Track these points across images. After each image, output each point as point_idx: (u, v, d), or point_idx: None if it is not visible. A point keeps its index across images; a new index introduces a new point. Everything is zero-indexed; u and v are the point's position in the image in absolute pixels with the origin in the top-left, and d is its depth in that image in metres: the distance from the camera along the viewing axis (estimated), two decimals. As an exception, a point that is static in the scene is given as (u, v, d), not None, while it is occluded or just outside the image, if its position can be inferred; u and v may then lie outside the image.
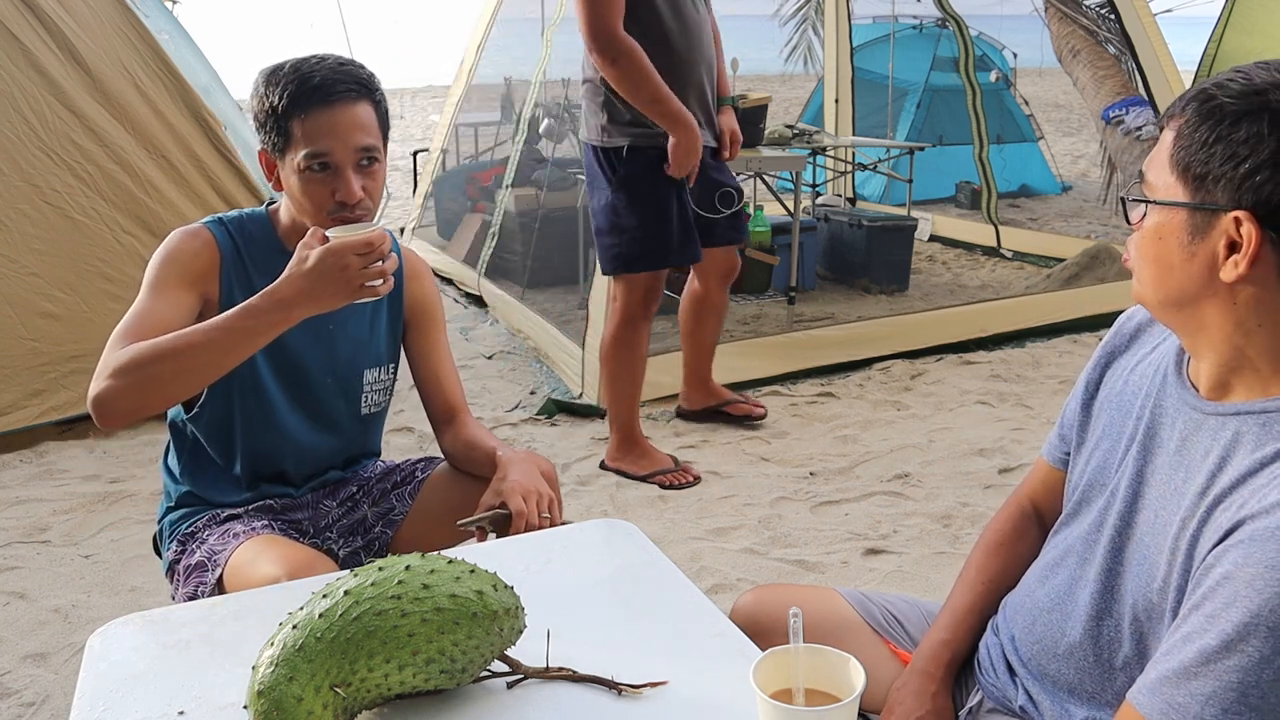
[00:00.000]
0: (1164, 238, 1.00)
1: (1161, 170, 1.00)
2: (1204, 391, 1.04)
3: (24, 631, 2.42)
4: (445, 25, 51.29)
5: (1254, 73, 0.95)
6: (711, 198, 3.14)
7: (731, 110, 3.20)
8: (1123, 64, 5.87)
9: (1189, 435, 1.04)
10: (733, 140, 3.18)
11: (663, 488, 3.16)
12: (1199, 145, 0.96)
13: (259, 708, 0.93)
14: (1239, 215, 0.94)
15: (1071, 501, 1.22)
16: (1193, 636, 0.90)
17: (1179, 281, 1.00)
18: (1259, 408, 0.98)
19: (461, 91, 6.22)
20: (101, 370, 1.42)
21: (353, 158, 1.52)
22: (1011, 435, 3.56)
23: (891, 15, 7.82)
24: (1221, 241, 0.95)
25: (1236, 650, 0.86)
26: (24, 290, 3.42)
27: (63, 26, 3.50)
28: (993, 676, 1.25)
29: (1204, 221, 0.97)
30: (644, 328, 3.16)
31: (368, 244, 1.40)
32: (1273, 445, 0.95)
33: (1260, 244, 0.93)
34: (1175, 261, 0.99)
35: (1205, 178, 0.96)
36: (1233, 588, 0.87)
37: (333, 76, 1.51)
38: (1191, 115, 0.97)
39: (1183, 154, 0.97)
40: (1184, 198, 0.98)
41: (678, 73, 2.92)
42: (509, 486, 1.53)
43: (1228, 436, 0.99)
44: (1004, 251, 6.33)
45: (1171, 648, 0.93)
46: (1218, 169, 0.94)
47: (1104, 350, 1.25)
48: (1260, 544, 0.87)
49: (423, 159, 6.69)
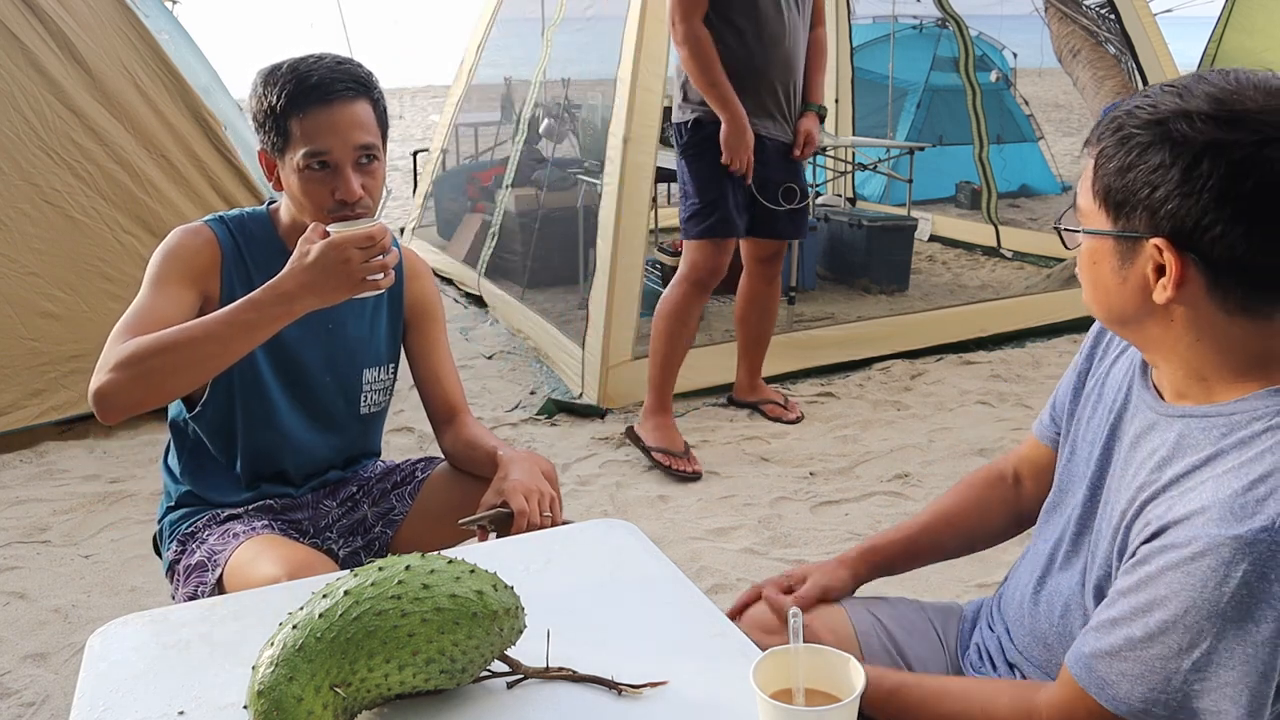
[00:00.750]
0: (1097, 262, 1.03)
1: (1087, 198, 1.02)
2: (1166, 396, 1.07)
3: (24, 631, 2.43)
4: (445, 25, 51.26)
5: (1159, 99, 0.96)
6: (776, 190, 3.34)
7: (814, 115, 3.39)
8: (1123, 64, 5.86)
9: (1143, 433, 1.07)
10: (806, 141, 3.36)
11: (661, 468, 3.26)
12: (1114, 173, 0.98)
13: (259, 708, 0.93)
14: (1158, 243, 0.95)
15: (1054, 491, 1.25)
16: (1120, 623, 0.98)
17: (1118, 303, 1.02)
18: (1201, 412, 1.01)
19: (461, 91, 6.22)
20: (102, 364, 1.42)
21: (352, 156, 1.52)
22: (1011, 435, 3.56)
23: (891, 15, 7.82)
24: (1149, 266, 0.98)
25: (1158, 641, 0.94)
26: (24, 290, 3.42)
27: (63, 26, 3.50)
28: (991, 674, 1.26)
29: (1129, 248, 0.99)
30: (697, 298, 3.36)
31: (369, 238, 1.40)
32: (1208, 449, 0.98)
33: (1183, 267, 0.95)
34: (1110, 285, 1.02)
35: (1124, 205, 0.98)
36: (1155, 590, 0.94)
37: (330, 75, 1.51)
38: (1107, 145, 0.99)
39: (1101, 182, 0.99)
40: (1107, 225, 1.00)
41: (751, 71, 3.20)
42: (510, 485, 1.53)
43: (1172, 437, 1.02)
44: (1004, 251, 6.33)
45: (1101, 627, 1.00)
46: (1134, 198, 0.96)
47: (1091, 339, 1.27)
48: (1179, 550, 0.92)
49: (423, 159, 6.69)
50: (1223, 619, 0.90)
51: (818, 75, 3.43)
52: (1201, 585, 0.90)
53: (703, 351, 3.92)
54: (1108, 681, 0.98)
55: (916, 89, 7.76)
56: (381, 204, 1.62)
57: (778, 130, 3.31)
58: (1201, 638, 0.91)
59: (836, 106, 7.25)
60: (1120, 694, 0.97)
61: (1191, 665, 0.92)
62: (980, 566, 2.55)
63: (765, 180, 3.31)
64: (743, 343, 3.71)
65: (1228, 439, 0.97)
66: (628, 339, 3.79)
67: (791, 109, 3.34)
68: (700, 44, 3.13)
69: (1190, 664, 0.92)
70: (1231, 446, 0.96)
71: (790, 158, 3.37)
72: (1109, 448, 1.13)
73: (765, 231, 3.43)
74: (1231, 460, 0.95)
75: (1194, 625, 0.91)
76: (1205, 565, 0.90)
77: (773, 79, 3.24)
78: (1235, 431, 0.97)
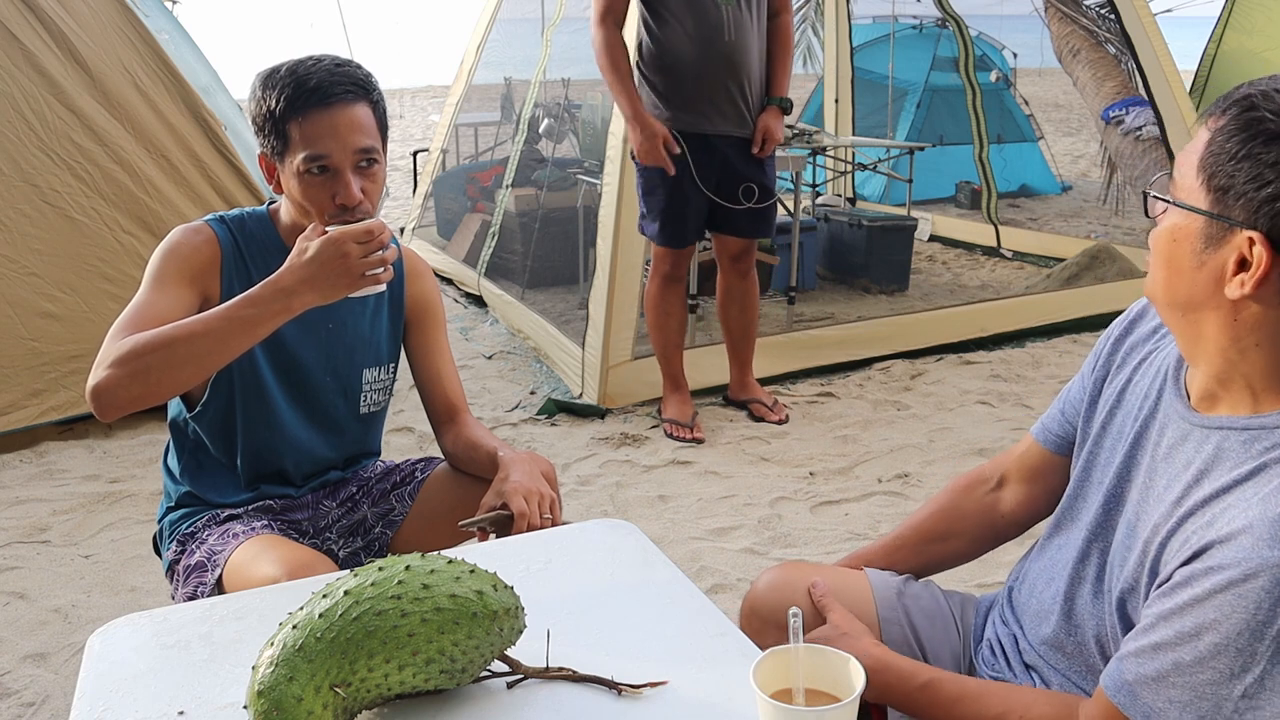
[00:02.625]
0: (1178, 240, 0.99)
1: (1189, 171, 0.98)
2: (1193, 400, 1.04)
3: (24, 631, 2.42)
4: (445, 25, 51.27)
5: None
6: (735, 188, 3.32)
7: (776, 110, 3.33)
8: (1123, 64, 5.86)
9: (1176, 444, 1.04)
10: (766, 137, 3.30)
11: (666, 435, 3.52)
12: (1228, 157, 0.93)
13: (259, 708, 0.93)
14: (1253, 236, 0.92)
15: (1068, 498, 1.23)
16: (1164, 647, 0.94)
17: (1186, 286, 0.99)
18: (1242, 424, 0.98)
19: (461, 91, 6.22)
20: (100, 360, 1.41)
21: (352, 159, 1.52)
22: (1011, 435, 3.56)
23: (891, 15, 7.82)
24: (1233, 257, 0.94)
25: (1208, 667, 0.90)
26: (24, 290, 3.42)
27: (63, 26, 3.50)
28: (1004, 670, 1.25)
29: (1219, 233, 0.95)
30: (671, 289, 3.46)
31: (368, 232, 1.40)
32: (1250, 463, 0.95)
33: (1270, 267, 0.92)
34: (1185, 266, 0.98)
35: (1227, 190, 0.94)
36: (1203, 613, 0.91)
37: (329, 78, 1.50)
38: (1229, 122, 0.94)
39: (1211, 160, 0.95)
40: (1204, 205, 0.96)
41: (689, 68, 3.18)
42: (511, 487, 1.53)
43: (1209, 450, 0.99)
44: (1004, 251, 6.33)
45: (1143, 652, 0.96)
46: (1240, 185, 0.92)
47: (1110, 343, 1.24)
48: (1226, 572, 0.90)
49: (423, 159, 6.69)
50: (1276, 642, 0.87)
51: (780, 67, 3.34)
52: (1255, 608, 0.87)
53: (703, 351, 3.93)
54: (1154, 709, 0.94)
55: (916, 89, 7.76)
56: (381, 202, 1.62)
57: (731, 127, 3.26)
58: (1255, 662, 0.88)
59: (837, 106, 7.25)
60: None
61: (1243, 692, 0.89)
62: (980, 567, 2.54)
63: (720, 179, 3.29)
64: (727, 339, 3.72)
65: (1271, 453, 0.94)
66: (628, 339, 3.79)
67: (750, 104, 3.27)
68: (606, 45, 3.16)
69: (1241, 690, 0.89)
70: (1275, 461, 0.93)
71: (752, 155, 3.32)
72: (1132, 457, 1.10)
73: (729, 230, 3.41)
74: (1276, 475, 0.92)
75: (1246, 649, 0.88)
76: (1258, 587, 0.87)
77: (717, 75, 3.18)
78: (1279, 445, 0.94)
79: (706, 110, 3.22)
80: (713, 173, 3.28)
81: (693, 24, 3.14)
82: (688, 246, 3.41)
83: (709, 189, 3.29)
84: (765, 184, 3.36)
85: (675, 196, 3.27)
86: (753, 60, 3.25)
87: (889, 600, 1.38)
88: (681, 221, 3.31)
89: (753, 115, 3.30)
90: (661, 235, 3.34)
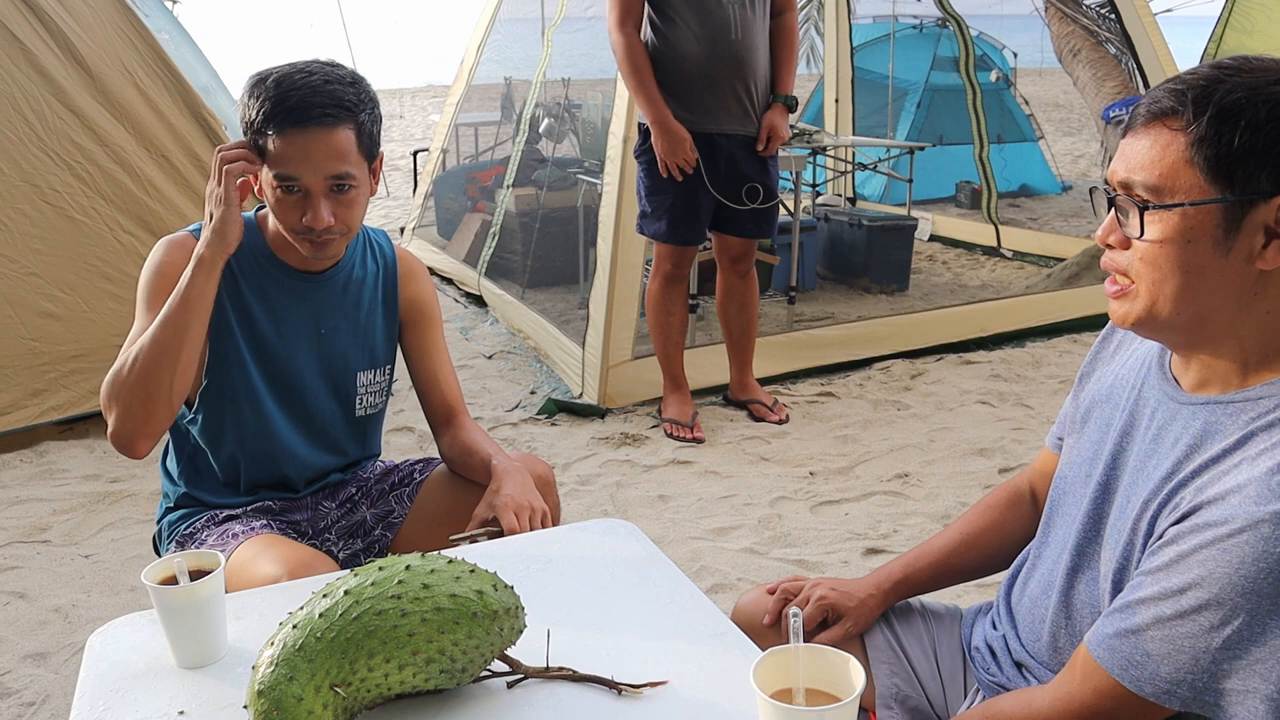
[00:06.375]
0: (1193, 241, 0.96)
1: (1176, 175, 0.96)
2: (1185, 386, 1.05)
3: (24, 631, 2.42)
4: (445, 25, 51.24)
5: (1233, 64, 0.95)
6: (739, 189, 3.33)
7: (781, 107, 3.34)
8: (1123, 64, 5.85)
9: (1164, 425, 1.05)
10: (771, 135, 3.32)
11: (666, 435, 3.52)
12: (1230, 138, 0.93)
13: (259, 708, 0.93)
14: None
15: (1053, 491, 1.24)
16: (1148, 603, 0.96)
17: (1212, 282, 0.97)
18: (1229, 399, 0.99)
19: (461, 91, 6.22)
20: (103, 405, 1.50)
21: (323, 185, 1.49)
22: (1011, 435, 3.56)
23: (892, 15, 7.82)
24: (1259, 231, 0.94)
25: (1189, 619, 0.93)
26: (24, 290, 3.42)
27: (63, 26, 3.50)
28: (997, 673, 1.25)
29: (1239, 214, 0.94)
30: (672, 288, 3.47)
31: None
32: (1238, 432, 0.97)
33: None
34: (1207, 264, 0.97)
35: (1241, 168, 0.93)
36: (1188, 568, 0.93)
37: (311, 99, 1.46)
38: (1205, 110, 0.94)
39: (1209, 150, 0.94)
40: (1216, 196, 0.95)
41: (697, 67, 3.19)
42: (502, 501, 1.52)
43: (1198, 426, 1.01)
44: (1004, 251, 6.33)
45: (1127, 608, 0.98)
46: (1259, 157, 0.92)
47: (1100, 337, 1.26)
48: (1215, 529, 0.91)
49: (423, 159, 6.69)
50: (1259, 595, 0.88)
51: (785, 65, 3.35)
52: (1240, 562, 0.89)
53: (703, 351, 3.93)
54: (1133, 662, 0.96)
55: (916, 89, 7.76)
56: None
57: (738, 126, 3.28)
58: (1235, 614, 0.90)
59: (837, 106, 7.25)
60: (1145, 674, 0.96)
61: (1223, 643, 0.91)
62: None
63: (726, 179, 3.30)
64: (726, 338, 3.72)
65: (1258, 422, 0.96)
66: (628, 339, 3.79)
67: (755, 103, 3.29)
68: (628, 50, 3.17)
69: (1221, 641, 0.91)
70: (1262, 429, 0.95)
71: (758, 154, 3.33)
72: (1122, 447, 1.11)
73: (730, 230, 3.42)
74: (1263, 441, 0.94)
75: (1229, 602, 0.90)
76: (1243, 541, 0.89)
77: (723, 74, 3.20)
78: (1265, 415, 0.96)
79: (713, 109, 3.23)
80: (718, 172, 3.29)
81: (699, 23, 3.16)
82: (695, 245, 3.42)
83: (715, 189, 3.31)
84: (769, 185, 3.38)
85: (684, 196, 3.28)
86: (759, 59, 3.27)
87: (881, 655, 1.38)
88: (689, 220, 3.32)
89: (758, 113, 3.31)
90: (670, 234, 3.34)
